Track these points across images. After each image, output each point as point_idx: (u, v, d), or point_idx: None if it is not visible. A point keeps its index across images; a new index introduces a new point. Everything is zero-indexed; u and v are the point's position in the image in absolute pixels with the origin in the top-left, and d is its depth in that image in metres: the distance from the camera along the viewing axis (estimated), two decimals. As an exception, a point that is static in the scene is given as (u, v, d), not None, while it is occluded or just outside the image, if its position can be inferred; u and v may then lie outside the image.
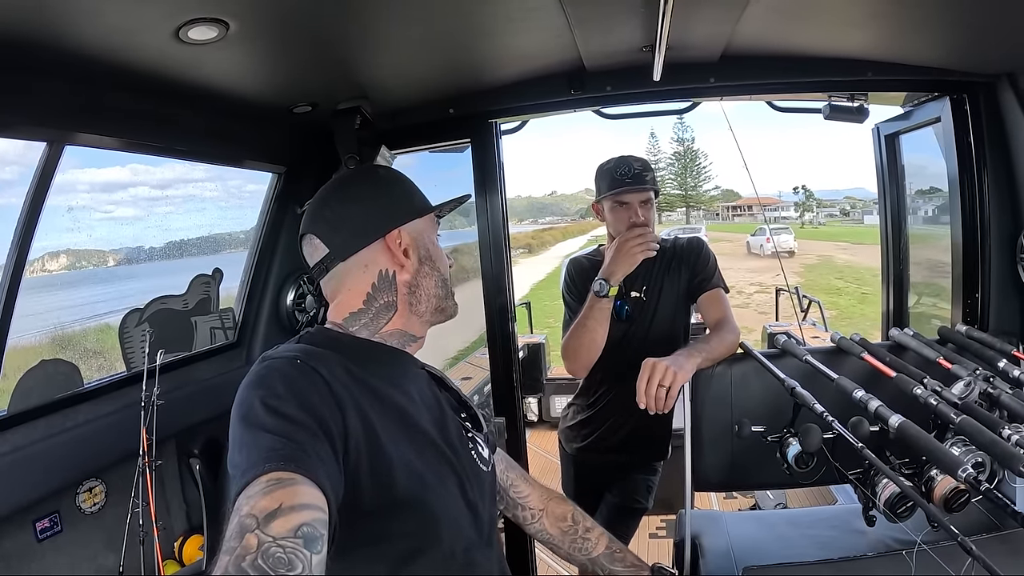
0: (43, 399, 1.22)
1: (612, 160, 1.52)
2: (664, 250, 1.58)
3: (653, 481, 1.65)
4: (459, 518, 0.70)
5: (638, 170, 1.49)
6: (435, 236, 0.81)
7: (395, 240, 0.75)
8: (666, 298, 1.55)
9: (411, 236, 0.77)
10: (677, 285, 1.55)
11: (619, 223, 1.51)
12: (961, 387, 1.08)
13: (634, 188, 1.47)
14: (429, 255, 0.79)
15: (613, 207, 1.52)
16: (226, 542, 0.47)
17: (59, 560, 1.25)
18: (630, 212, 1.50)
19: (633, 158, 1.52)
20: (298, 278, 1.77)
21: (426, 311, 0.79)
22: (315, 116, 1.48)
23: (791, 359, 1.27)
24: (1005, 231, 1.41)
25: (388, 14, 1.06)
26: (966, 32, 1.24)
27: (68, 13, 0.85)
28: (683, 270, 1.55)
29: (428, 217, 0.80)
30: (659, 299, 1.55)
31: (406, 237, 0.76)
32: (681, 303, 1.56)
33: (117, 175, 2.27)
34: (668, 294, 1.55)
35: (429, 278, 0.78)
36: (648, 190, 1.49)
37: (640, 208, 1.50)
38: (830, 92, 1.53)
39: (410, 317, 0.78)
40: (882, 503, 0.93)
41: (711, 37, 1.25)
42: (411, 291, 0.77)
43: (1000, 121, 1.38)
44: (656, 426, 1.49)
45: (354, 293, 0.75)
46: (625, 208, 1.50)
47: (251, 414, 0.58)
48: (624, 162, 1.51)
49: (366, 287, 0.75)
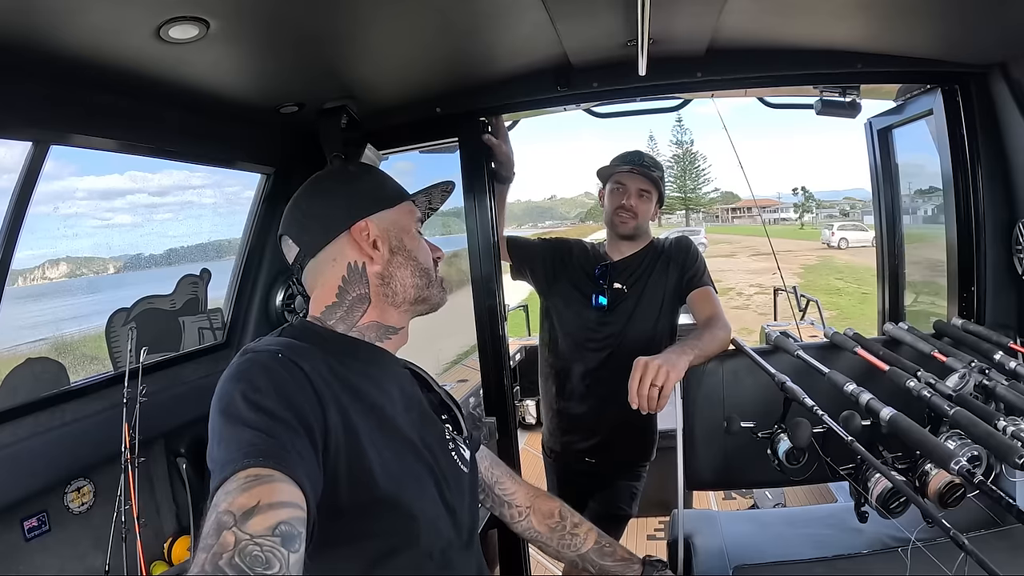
0: (30, 397, 1.22)
1: (629, 150, 1.59)
2: (652, 247, 1.60)
3: (637, 487, 1.63)
4: (436, 519, 0.70)
5: (647, 164, 1.55)
6: (413, 225, 0.80)
7: (362, 232, 0.75)
8: (650, 295, 1.54)
9: (380, 227, 0.76)
10: (664, 284, 1.55)
11: (612, 203, 1.57)
12: (956, 379, 1.06)
13: (635, 172, 1.51)
14: (403, 245, 0.77)
15: (612, 188, 1.57)
16: (203, 539, 0.46)
17: (47, 560, 1.24)
18: (625, 195, 1.54)
19: (646, 153, 1.62)
20: (287, 278, 1.76)
21: (403, 301, 0.77)
22: (302, 116, 1.47)
23: (784, 355, 1.25)
24: (1000, 223, 1.39)
25: (372, 12, 1.05)
26: (957, 22, 1.22)
27: (51, 12, 0.84)
28: (671, 269, 1.55)
29: (403, 208, 0.79)
30: (641, 295, 1.55)
31: (374, 228, 0.75)
32: (668, 303, 1.55)
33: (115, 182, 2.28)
34: (653, 292, 1.55)
35: (403, 268, 0.77)
36: (648, 179, 1.53)
37: (635, 195, 1.54)
38: (820, 85, 1.52)
39: (386, 308, 0.77)
40: (874, 499, 0.91)
41: (695, 30, 1.24)
42: (384, 282, 0.76)
43: (993, 112, 1.37)
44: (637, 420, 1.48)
45: (327, 288, 0.75)
46: (621, 191, 1.55)
47: (231, 407, 0.57)
48: (637, 153, 1.59)
49: (337, 280, 0.75)
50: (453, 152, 1.68)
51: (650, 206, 1.57)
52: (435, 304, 0.81)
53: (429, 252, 0.81)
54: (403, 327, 0.79)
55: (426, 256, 0.80)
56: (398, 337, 0.79)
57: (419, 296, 0.78)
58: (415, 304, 0.79)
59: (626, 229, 1.55)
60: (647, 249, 1.60)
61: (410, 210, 0.80)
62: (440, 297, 0.81)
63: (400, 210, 0.79)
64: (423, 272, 0.78)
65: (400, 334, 0.79)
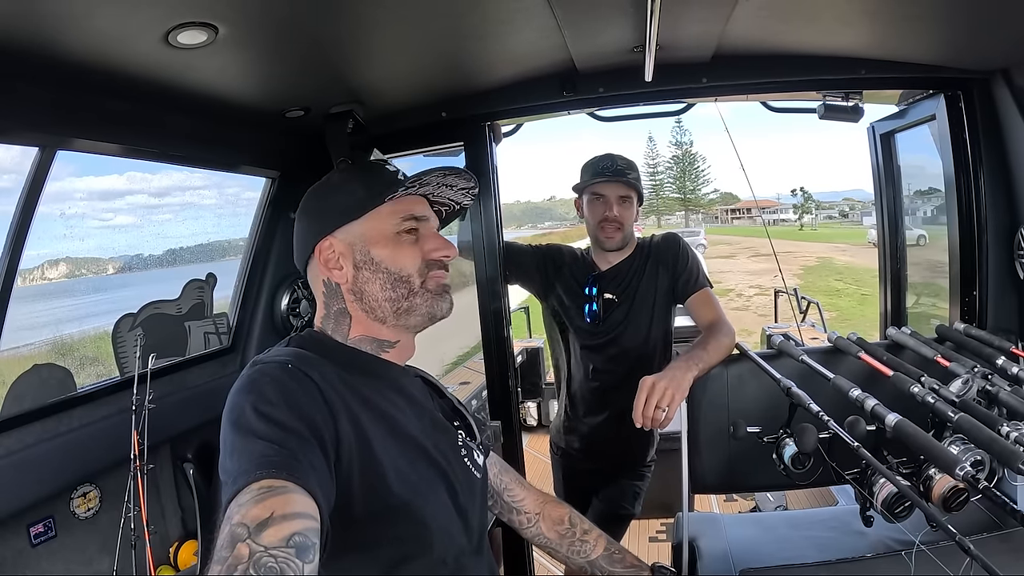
0: (37, 403, 1.22)
1: (598, 155, 1.51)
2: (639, 250, 1.55)
3: (640, 487, 1.63)
4: (449, 525, 0.70)
5: (621, 167, 1.47)
6: (392, 227, 0.72)
7: (327, 250, 0.73)
8: (641, 301, 1.50)
9: (346, 241, 0.73)
10: (654, 288, 1.50)
11: (593, 216, 1.50)
12: (959, 385, 1.06)
13: (612, 180, 1.45)
14: (369, 258, 0.72)
15: (590, 200, 1.50)
16: (217, 551, 0.46)
17: (53, 565, 1.25)
18: (606, 206, 1.47)
19: (619, 156, 1.49)
20: (292, 283, 1.76)
21: (387, 315, 0.73)
22: (308, 120, 1.48)
23: (788, 360, 1.26)
24: (1002, 228, 1.40)
25: (380, 17, 1.06)
26: (960, 28, 1.23)
27: (57, 18, 0.85)
28: (660, 271, 1.51)
29: (379, 212, 0.72)
30: (633, 302, 1.50)
31: (338, 244, 0.73)
32: (660, 307, 1.51)
33: (114, 183, 2.27)
34: (644, 297, 1.50)
35: (372, 283, 0.72)
36: (626, 184, 1.46)
37: (617, 204, 1.47)
38: (824, 91, 1.53)
39: (370, 323, 0.74)
40: (879, 503, 0.91)
41: (701, 37, 1.25)
42: (357, 298, 0.73)
43: (995, 117, 1.37)
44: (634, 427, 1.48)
45: (319, 301, 0.77)
46: (601, 202, 1.48)
47: (242, 420, 0.57)
48: (608, 157, 1.49)
49: (321, 297, 0.76)
50: (457, 156, 1.69)
51: (632, 210, 1.51)
52: (427, 316, 0.74)
53: (414, 257, 0.73)
54: (399, 340, 0.75)
55: (406, 263, 0.72)
56: (396, 351, 0.75)
57: (398, 309, 0.73)
58: (400, 316, 0.73)
59: (614, 243, 1.49)
60: (634, 255, 1.55)
61: (391, 211, 0.73)
62: (433, 307, 0.74)
63: (373, 216, 0.72)
64: (397, 283, 0.72)
65: (399, 347, 0.75)
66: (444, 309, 0.76)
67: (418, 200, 0.76)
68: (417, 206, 0.75)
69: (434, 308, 0.74)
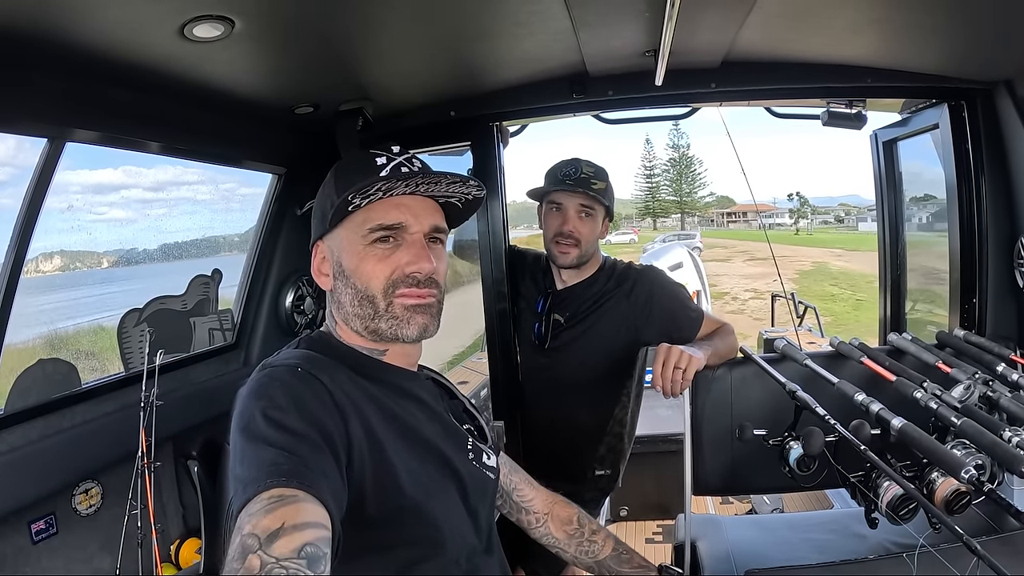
0: (40, 399, 1.21)
1: (564, 160, 1.33)
2: (603, 273, 1.36)
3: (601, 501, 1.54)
4: (461, 525, 0.70)
5: (586, 175, 1.28)
6: (357, 242, 0.67)
7: (317, 256, 0.73)
8: (596, 334, 1.33)
9: (330, 247, 0.71)
10: (614, 324, 1.33)
11: (548, 228, 1.31)
12: (961, 390, 1.08)
13: (571, 190, 1.27)
14: (341, 269, 0.69)
15: (547, 209, 1.32)
16: (228, 563, 0.46)
17: (54, 562, 1.24)
18: (563, 219, 1.28)
19: (586, 162, 1.32)
20: (297, 279, 1.76)
21: (364, 330, 0.69)
22: (316, 117, 1.48)
23: (791, 363, 1.27)
24: (1002, 237, 1.42)
25: (392, 16, 1.06)
26: (964, 39, 1.25)
27: (75, 8, 0.84)
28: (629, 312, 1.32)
29: (351, 221, 0.68)
30: (586, 332, 1.33)
31: (325, 250, 0.72)
32: (621, 351, 1.34)
33: (109, 177, 2.26)
34: (598, 330, 1.33)
35: (344, 295, 0.69)
36: (588, 195, 1.27)
37: (576, 217, 1.28)
38: (829, 99, 1.54)
39: (352, 333, 0.72)
40: (884, 505, 0.93)
41: (713, 43, 1.26)
42: (337, 308, 0.72)
43: (998, 128, 1.40)
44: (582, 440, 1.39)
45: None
46: (558, 213, 1.30)
47: (252, 426, 0.57)
48: (573, 163, 1.31)
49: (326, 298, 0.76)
50: (463, 155, 1.69)
51: (595, 225, 1.31)
52: (392, 338, 0.68)
53: (381, 272, 0.66)
54: (387, 349, 0.71)
55: (371, 279, 0.67)
56: (393, 355, 0.72)
57: (366, 327, 0.68)
58: (371, 335, 0.69)
59: (567, 260, 1.29)
60: (596, 277, 1.36)
61: (364, 218, 0.67)
62: (398, 332, 0.67)
63: (348, 224, 0.69)
64: (363, 300, 0.67)
65: (390, 354, 0.72)
66: (411, 335, 0.68)
67: (398, 204, 0.67)
68: (392, 212, 0.67)
69: (399, 333, 0.68)
